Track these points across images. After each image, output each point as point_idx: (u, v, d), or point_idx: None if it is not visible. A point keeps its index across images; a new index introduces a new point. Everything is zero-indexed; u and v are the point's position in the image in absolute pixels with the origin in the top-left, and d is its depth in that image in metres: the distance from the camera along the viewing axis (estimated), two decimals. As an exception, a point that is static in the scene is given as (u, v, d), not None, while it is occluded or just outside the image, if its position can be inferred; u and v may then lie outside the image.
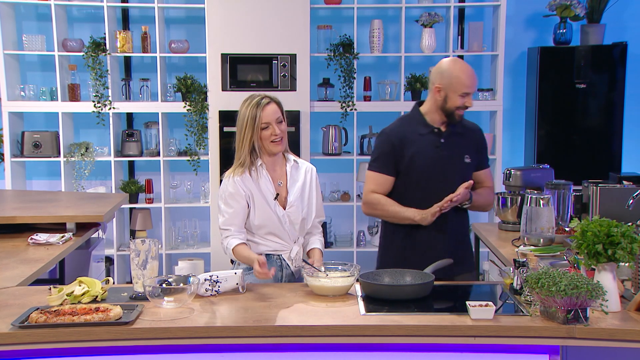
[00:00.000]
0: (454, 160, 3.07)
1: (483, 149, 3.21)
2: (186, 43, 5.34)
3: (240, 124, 2.84)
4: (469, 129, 3.16)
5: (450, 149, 3.06)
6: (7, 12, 5.26)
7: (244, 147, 2.83)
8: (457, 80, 2.99)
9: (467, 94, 3.01)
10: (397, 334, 2.24)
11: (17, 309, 2.37)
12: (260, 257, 2.65)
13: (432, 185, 3.04)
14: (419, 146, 3.04)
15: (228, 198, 2.82)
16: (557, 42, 5.43)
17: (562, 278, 2.20)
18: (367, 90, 5.45)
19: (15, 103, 5.27)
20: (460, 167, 3.08)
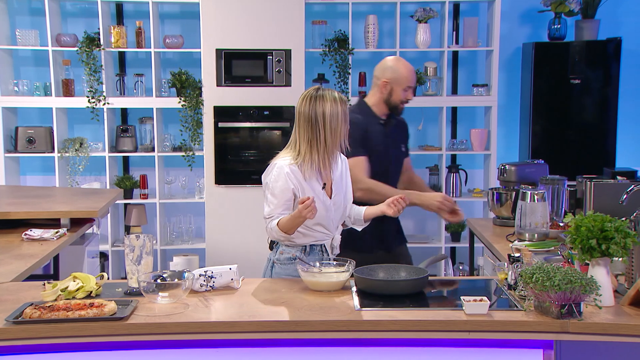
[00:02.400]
0: (396, 150, 3.51)
1: (408, 139, 3.69)
2: (181, 38, 5.32)
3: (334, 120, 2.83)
4: (400, 121, 3.56)
5: (393, 139, 3.47)
6: (0, 7, 5.23)
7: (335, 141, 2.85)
8: (401, 75, 3.36)
9: (410, 87, 3.39)
10: (391, 329, 2.25)
11: (11, 305, 2.37)
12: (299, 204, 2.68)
13: (382, 171, 3.37)
14: (376, 134, 3.38)
15: (276, 189, 2.84)
16: (551, 37, 5.44)
17: (556, 273, 2.21)
18: (362, 85, 5.44)
19: (9, 98, 5.25)
20: (400, 155, 3.54)
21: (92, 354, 2.28)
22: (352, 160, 3.17)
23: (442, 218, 3.53)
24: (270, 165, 2.92)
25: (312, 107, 2.84)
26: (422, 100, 5.43)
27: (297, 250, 2.90)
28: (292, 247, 2.91)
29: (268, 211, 2.87)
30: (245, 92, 5.08)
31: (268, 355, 2.32)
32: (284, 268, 2.89)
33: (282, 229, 2.80)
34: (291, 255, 2.89)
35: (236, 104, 5.10)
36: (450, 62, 5.56)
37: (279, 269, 2.90)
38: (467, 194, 5.63)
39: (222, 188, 5.14)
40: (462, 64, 5.68)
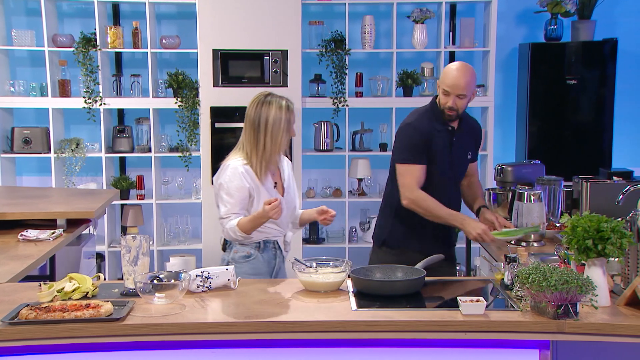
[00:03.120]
0: (461, 159, 3.33)
1: (479, 144, 3.50)
2: (177, 39, 5.32)
3: (276, 127, 2.96)
4: (472, 126, 3.40)
5: (459, 147, 3.29)
6: (-3, 7, 5.23)
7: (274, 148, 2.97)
8: (443, 76, 3.17)
9: (447, 92, 3.13)
10: (388, 330, 2.25)
11: (7, 306, 2.36)
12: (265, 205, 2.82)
13: (441, 181, 3.25)
14: (438, 142, 3.21)
15: (232, 189, 2.95)
16: (548, 38, 5.45)
17: (553, 273, 2.21)
18: (359, 86, 5.44)
19: (5, 99, 5.24)
20: (465, 164, 3.38)
21: (89, 354, 2.28)
22: (407, 167, 3.18)
23: None
24: (222, 167, 3.03)
25: (257, 111, 2.99)
26: (419, 101, 5.41)
27: (252, 247, 3.03)
28: (246, 245, 3.03)
29: (225, 211, 2.96)
30: (242, 92, 5.07)
31: (265, 356, 2.31)
32: (240, 267, 2.95)
33: (242, 229, 2.92)
34: (246, 253, 3.02)
35: (233, 105, 5.09)
36: (446, 62, 5.55)
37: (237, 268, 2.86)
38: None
39: (218, 188, 5.12)
40: (459, 64, 5.67)
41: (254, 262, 3.02)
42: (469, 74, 3.13)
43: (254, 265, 3.01)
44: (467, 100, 3.18)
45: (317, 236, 5.48)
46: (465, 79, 3.11)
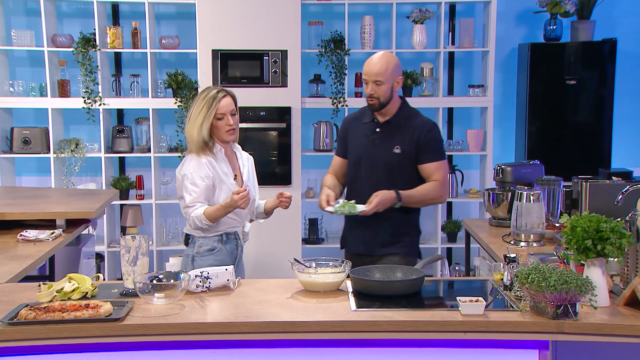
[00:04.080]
0: (383, 149, 3.26)
1: (427, 144, 3.26)
2: (177, 39, 5.32)
3: (196, 112, 3.08)
4: (413, 123, 3.28)
5: (383, 140, 3.27)
6: (-4, 7, 5.23)
7: (200, 133, 3.06)
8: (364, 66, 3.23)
9: (366, 80, 3.20)
10: (388, 330, 2.25)
11: (6, 306, 2.36)
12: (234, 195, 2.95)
13: (361, 169, 3.30)
14: (357, 133, 3.32)
15: (196, 178, 3.05)
16: (547, 38, 5.45)
17: (552, 273, 2.21)
18: (359, 86, 5.44)
19: (4, 99, 5.24)
20: (389, 157, 3.26)
21: (88, 355, 2.28)
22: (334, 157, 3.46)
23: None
24: (185, 158, 3.16)
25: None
26: (418, 101, 5.42)
27: (214, 240, 3.13)
28: (209, 239, 3.13)
29: (190, 200, 3.06)
30: (242, 92, 5.02)
31: (264, 356, 2.31)
32: (205, 260, 3.08)
33: (208, 217, 3.02)
34: (210, 246, 3.13)
35: (232, 105, 5.08)
36: (446, 62, 5.57)
37: (200, 262, 3.07)
38: (463, 194, 5.64)
39: (218, 189, 5.12)
40: (458, 64, 5.69)
41: (218, 255, 3.13)
42: (385, 60, 3.17)
43: (218, 257, 3.11)
44: (386, 87, 3.17)
45: (317, 236, 5.48)
46: (380, 65, 3.15)
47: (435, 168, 3.26)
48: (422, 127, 3.26)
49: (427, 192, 3.25)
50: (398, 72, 3.23)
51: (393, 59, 3.21)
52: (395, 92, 3.25)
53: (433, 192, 3.26)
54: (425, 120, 3.32)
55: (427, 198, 3.28)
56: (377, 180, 3.24)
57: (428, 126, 3.29)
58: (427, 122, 3.32)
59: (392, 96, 3.23)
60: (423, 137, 3.25)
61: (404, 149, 3.25)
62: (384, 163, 3.26)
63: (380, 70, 3.15)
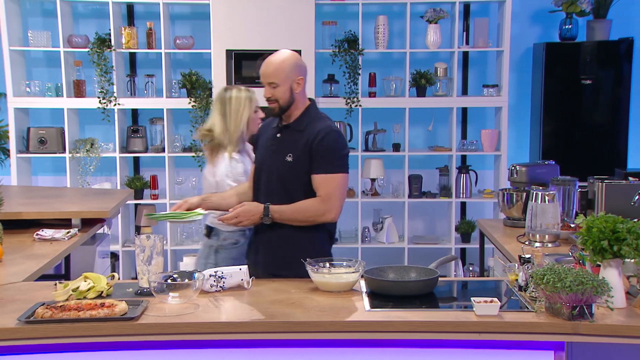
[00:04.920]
0: (277, 157, 2.93)
1: (318, 153, 2.84)
2: (191, 39, 5.34)
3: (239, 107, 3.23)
4: (309, 130, 2.88)
5: (279, 145, 2.93)
6: (13, 8, 5.27)
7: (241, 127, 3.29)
8: None
9: (262, 83, 2.89)
10: (402, 330, 2.24)
11: (23, 304, 2.38)
12: None
13: (260, 178, 3.00)
14: (263, 139, 3.06)
15: (239, 176, 3.19)
16: (562, 37, 5.41)
17: (568, 274, 2.20)
18: (372, 86, 5.44)
19: (21, 99, 5.28)
20: (281, 165, 2.91)
21: (103, 353, 2.29)
22: None
23: None
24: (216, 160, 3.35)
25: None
26: (432, 101, 5.42)
27: (239, 234, 3.29)
28: (233, 232, 3.28)
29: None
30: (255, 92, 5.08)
31: (278, 355, 2.32)
32: (228, 252, 3.25)
33: None
34: (234, 240, 3.29)
35: (246, 105, 5.09)
36: (460, 62, 5.55)
37: (223, 254, 3.24)
38: (478, 194, 5.61)
39: (232, 188, 5.14)
40: (473, 64, 5.66)
41: (241, 248, 3.24)
42: (280, 60, 2.84)
43: (241, 251, 3.22)
44: (284, 90, 2.83)
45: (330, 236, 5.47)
46: (274, 65, 2.83)
47: (322, 181, 2.83)
48: (316, 134, 2.84)
49: (303, 209, 2.85)
50: (297, 72, 2.85)
51: (290, 59, 2.86)
52: (298, 94, 2.87)
53: (311, 209, 2.84)
54: (323, 127, 2.87)
55: (303, 216, 2.86)
56: (271, 191, 2.92)
57: (323, 133, 2.84)
58: (324, 128, 2.86)
59: (294, 98, 2.86)
60: (315, 145, 2.83)
61: (296, 158, 2.86)
62: (277, 172, 2.92)
63: (275, 72, 2.82)
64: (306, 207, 2.86)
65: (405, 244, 5.47)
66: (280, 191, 2.89)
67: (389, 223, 5.48)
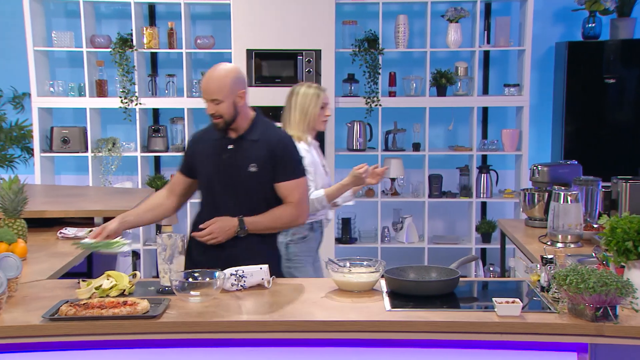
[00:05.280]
0: (236, 168, 2.89)
1: (283, 161, 2.89)
2: (212, 39, 5.36)
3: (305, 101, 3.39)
4: (267, 138, 2.90)
5: (236, 157, 2.89)
6: (37, 9, 5.33)
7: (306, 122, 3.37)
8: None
9: (206, 100, 2.85)
10: (423, 330, 2.24)
11: (47, 302, 2.41)
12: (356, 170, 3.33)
13: (215, 192, 2.92)
14: (207, 151, 2.94)
15: (307, 166, 3.15)
16: (585, 36, 5.36)
17: (591, 275, 2.18)
18: (392, 85, 5.42)
19: (45, 99, 5.35)
20: (244, 176, 2.88)
21: (125, 351, 2.31)
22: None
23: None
24: None
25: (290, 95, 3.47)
26: (452, 101, 5.40)
27: (306, 228, 3.35)
28: (302, 227, 3.31)
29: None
30: (276, 92, 5.09)
31: (299, 355, 2.32)
32: (298, 246, 3.33)
33: (328, 198, 3.28)
34: (303, 234, 3.36)
35: (266, 104, 5.08)
36: (481, 61, 5.52)
37: (293, 248, 3.31)
38: (498, 194, 5.58)
39: (252, 188, 5.16)
40: (494, 63, 5.63)
41: (308, 242, 3.38)
42: (221, 76, 2.80)
43: (308, 245, 3.38)
44: (227, 105, 2.80)
45: (350, 236, 5.48)
46: (215, 82, 2.80)
47: (292, 187, 2.89)
48: (278, 142, 2.91)
49: (278, 217, 2.89)
50: (239, 86, 2.83)
51: (231, 73, 2.82)
52: (241, 107, 2.86)
53: (285, 215, 2.89)
54: (281, 135, 2.98)
55: (278, 224, 2.92)
56: (236, 204, 2.88)
57: (284, 141, 2.95)
58: (283, 136, 2.98)
59: (238, 112, 2.84)
60: (280, 152, 2.89)
61: (260, 167, 2.87)
62: (240, 184, 2.88)
63: (217, 88, 2.79)
64: (281, 215, 2.89)
65: (425, 244, 5.46)
66: (244, 202, 2.88)
67: (408, 223, 5.46)
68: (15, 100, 5.63)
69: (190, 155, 3.01)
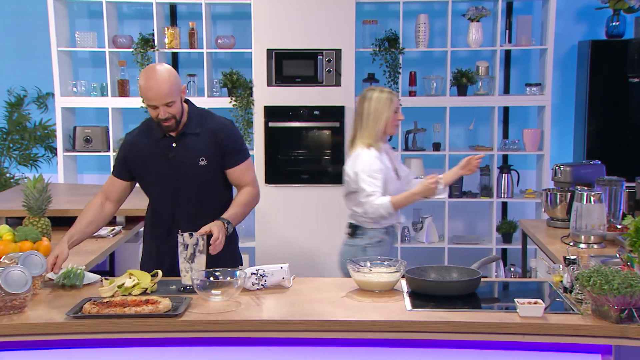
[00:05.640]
0: (187, 166, 2.90)
1: (228, 147, 2.93)
2: (232, 39, 5.38)
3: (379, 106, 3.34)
4: (209, 129, 2.92)
5: (183, 154, 2.89)
6: (61, 10, 5.39)
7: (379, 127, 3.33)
8: (143, 92, 2.79)
9: (155, 106, 2.78)
10: (444, 330, 2.23)
11: (71, 299, 2.44)
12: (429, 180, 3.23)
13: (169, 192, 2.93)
14: (150, 155, 2.92)
15: (373, 171, 3.26)
16: (609, 35, 5.30)
17: (615, 276, 2.15)
18: (413, 85, 5.40)
19: (68, 99, 5.40)
20: (195, 170, 2.90)
21: (147, 349, 2.33)
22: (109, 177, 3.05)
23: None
24: (353, 155, 3.37)
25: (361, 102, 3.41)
26: (473, 100, 5.37)
27: (382, 232, 3.37)
28: (378, 231, 3.36)
29: (371, 190, 3.25)
30: (296, 92, 5.11)
31: (319, 354, 2.32)
32: (374, 250, 3.33)
33: (394, 205, 3.23)
34: (379, 238, 3.36)
35: (286, 104, 5.13)
36: (502, 61, 5.48)
37: (370, 252, 3.31)
38: (519, 194, 5.53)
39: (272, 187, 5.17)
40: (515, 63, 5.58)
41: (384, 246, 3.39)
42: (166, 78, 2.76)
43: (384, 249, 3.37)
44: (178, 103, 2.81)
45: (370, 236, 5.46)
46: (165, 85, 2.75)
47: (244, 170, 2.96)
48: (221, 130, 2.93)
49: (247, 202, 2.93)
50: (180, 82, 2.86)
51: (172, 72, 2.82)
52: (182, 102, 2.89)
53: (251, 197, 2.96)
54: (221, 121, 3.00)
55: (248, 209, 2.96)
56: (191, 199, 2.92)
57: (227, 128, 2.97)
58: (224, 122, 3.00)
59: (183, 108, 2.88)
60: (226, 141, 2.92)
61: (210, 159, 2.90)
62: (193, 179, 2.90)
63: (169, 91, 2.76)
64: (248, 199, 2.95)
65: (445, 244, 5.43)
66: (199, 195, 2.92)
67: (428, 223, 5.44)
68: (39, 100, 5.71)
69: (130, 161, 2.96)
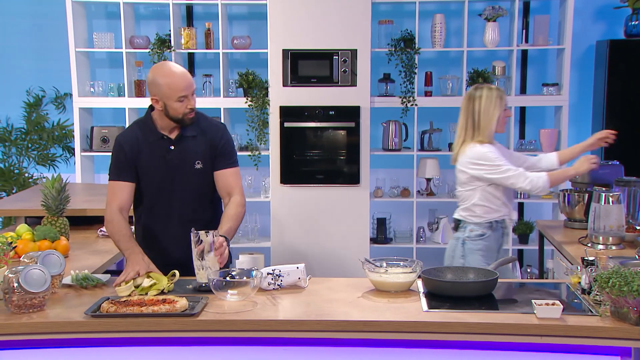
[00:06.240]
0: (183, 168, 2.90)
1: (226, 150, 2.96)
2: (248, 39, 5.40)
3: (489, 104, 3.41)
4: (205, 132, 2.92)
5: (180, 157, 2.89)
6: (79, 11, 5.43)
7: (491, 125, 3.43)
8: (170, 87, 2.78)
9: (185, 96, 2.80)
10: (460, 331, 2.22)
11: (89, 299, 2.46)
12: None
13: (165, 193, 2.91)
14: (149, 155, 2.89)
15: (497, 160, 3.35)
16: (628, 34, 5.25)
17: (635, 278, 2.13)
18: (428, 85, 5.38)
19: (85, 99, 5.44)
20: (192, 174, 2.91)
21: (164, 348, 2.34)
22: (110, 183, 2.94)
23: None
24: (473, 154, 3.41)
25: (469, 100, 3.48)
26: (490, 100, 5.33)
27: (485, 227, 3.38)
28: (480, 225, 3.38)
29: (513, 167, 3.36)
30: (311, 92, 5.11)
31: (335, 354, 2.32)
32: (475, 244, 3.36)
33: (552, 180, 3.34)
34: (481, 232, 3.38)
35: (302, 104, 5.13)
36: (519, 61, 5.44)
37: (470, 245, 3.35)
38: (536, 195, 5.49)
39: (287, 187, 5.18)
40: (532, 62, 5.55)
41: (486, 240, 3.38)
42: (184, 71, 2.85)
43: (486, 243, 3.37)
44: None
45: (385, 236, 5.46)
46: (187, 76, 2.83)
47: (234, 174, 2.96)
48: (216, 131, 2.94)
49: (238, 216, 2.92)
50: None
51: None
52: None
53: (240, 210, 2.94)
54: (215, 123, 3.01)
55: (240, 222, 2.94)
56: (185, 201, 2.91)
57: (221, 131, 2.97)
58: (218, 124, 3.01)
59: None
60: (221, 144, 2.93)
61: (205, 162, 2.91)
62: (188, 182, 2.91)
63: (191, 80, 2.85)
64: (237, 213, 2.91)
65: (461, 244, 5.40)
66: (192, 197, 2.93)
67: (444, 223, 5.42)
68: (57, 100, 5.76)
69: (133, 159, 2.89)
